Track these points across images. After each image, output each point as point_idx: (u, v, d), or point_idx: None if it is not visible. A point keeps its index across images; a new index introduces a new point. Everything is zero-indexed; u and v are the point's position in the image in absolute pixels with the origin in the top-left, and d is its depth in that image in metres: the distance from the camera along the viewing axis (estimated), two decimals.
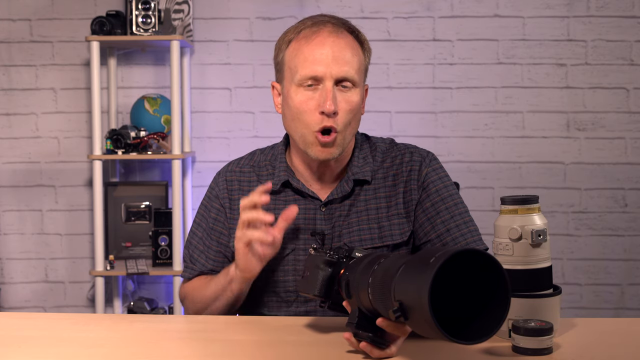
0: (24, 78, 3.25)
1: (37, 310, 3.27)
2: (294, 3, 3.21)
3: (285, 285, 1.50)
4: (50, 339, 1.29)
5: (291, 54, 1.48)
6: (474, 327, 1.00)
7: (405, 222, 1.51)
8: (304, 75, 1.45)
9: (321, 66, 1.44)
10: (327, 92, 1.44)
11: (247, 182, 1.59)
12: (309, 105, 1.45)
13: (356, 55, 1.48)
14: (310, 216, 1.52)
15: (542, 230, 1.21)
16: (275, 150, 1.60)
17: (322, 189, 1.54)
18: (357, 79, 1.47)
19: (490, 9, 3.22)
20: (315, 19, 1.50)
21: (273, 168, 1.57)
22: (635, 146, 3.23)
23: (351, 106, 1.46)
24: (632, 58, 3.21)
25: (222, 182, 1.60)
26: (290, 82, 1.48)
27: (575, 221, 3.25)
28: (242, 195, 1.56)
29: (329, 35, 1.46)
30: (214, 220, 1.59)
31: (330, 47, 1.45)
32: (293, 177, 1.54)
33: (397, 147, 1.59)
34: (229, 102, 3.26)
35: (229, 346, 1.24)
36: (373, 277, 1.08)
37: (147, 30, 3.00)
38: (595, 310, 3.23)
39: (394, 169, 1.55)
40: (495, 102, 3.24)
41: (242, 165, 1.62)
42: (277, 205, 1.53)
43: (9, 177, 3.28)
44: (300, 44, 1.47)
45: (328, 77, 1.44)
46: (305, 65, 1.45)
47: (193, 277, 1.60)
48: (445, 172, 1.57)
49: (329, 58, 1.44)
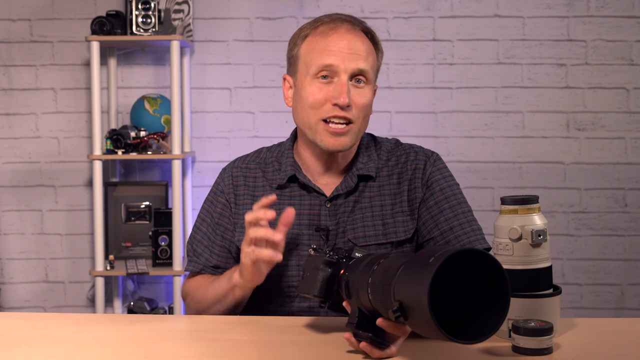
0: (24, 78, 3.26)
1: (37, 310, 3.27)
2: (294, 3, 3.21)
3: (288, 280, 1.51)
4: (50, 339, 1.28)
5: (307, 48, 1.51)
6: (473, 326, 1.00)
7: (409, 220, 1.53)
8: (320, 65, 1.47)
9: (337, 58, 1.46)
10: (342, 85, 1.46)
11: (253, 177, 1.60)
12: (322, 96, 1.47)
13: (371, 54, 1.52)
14: (315, 211, 1.53)
15: (542, 230, 1.21)
16: (282, 147, 1.62)
17: (328, 184, 1.55)
18: (371, 75, 1.51)
19: (490, 9, 3.22)
20: (333, 17, 1.53)
21: (279, 164, 1.58)
22: (635, 146, 3.23)
23: (364, 101, 1.49)
24: (632, 58, 3.21)
25: (228, 177, 1.61)
26: (305, 74, 1.50)
27: (575, 221, 3.25)
28: (247, 191, 1.58)
29: (346, 32, 1.49)
30: (220, 215, 1.59)
31: (347, 42, 1.48)
32: (300, 172, 1.55)
33: (402, 147, 1.61)
34: (229, 102, 3.26)
35: (229, 346, 1.24)
36: (373, 277, 1.08)
37: (147, 30, 3.00)
38: (595, 310, 3.23)
39: (399, 167, 1.57)
40: (495, 102, 3.24)
41: (248, 161, 1.63)
42: (283, 200, 1.54)
43: (9, 177, 3.28)
44: (316, 39, 1.50)
45: (343, 70, 1.46)
46: (322, 56, 1.47)
47: (198, 270, 1.60)
48: (449, 171, 1.58)
49: (345, 52, 1.47)
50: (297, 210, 1.51)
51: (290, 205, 1.52)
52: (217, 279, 1.52)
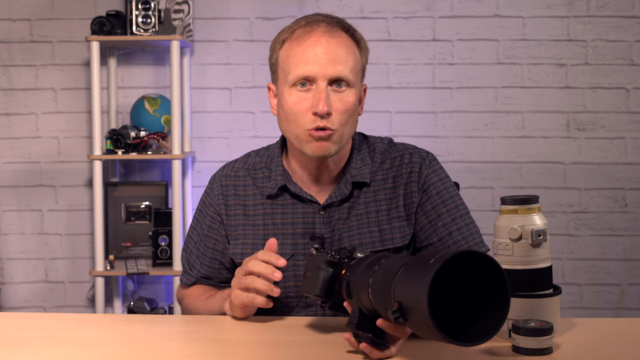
0: (24, 78, 3.25)
1: (37, 310, 3.27)
2: (294, 3, 3.21)
3: (285, 291, 1.48)
4: (50, 339, 1.29)
5: (284, 55, 1.46)
6: (473, 328, 1.00)
7: (406, 225, 1.50)
8: (297, 76, 1.42)
9: (314, 66, 1.41)
10: (320, 92, 1.41)
11: (243, 186, 1.56)
12: (302, 106, 1.42)
13: (351, 54, 1.45)
14: (309, 220, 1.50)
15: (542, 230, 1.21)
16: (271, 152, 1.58)
17: (321, 192, 1.52)
18: (352, 79, 1.44)
19: (490, 9, 3.22)
20: (310, 19, 1.48)
21: (269, 171, 1.55)
22: (635, 146, 3.23)
23: (346, 106, 1.43)
24: (632, 58, 3.21)
25: (218, 187, 1.58)
26: (284, 83, 1.45)
27: (575, 221, 3.25)
28: (238, 200, 1.55)
29: (322, 35, 1.43)
30: (209, 227, 1.58)
31: (323, 46, 1.42)
32: (290, 181, 1.52)
33: (395, 148, 1.56)
34: (229, 102, 3.26)
35: (229, 346, 1.24)
36: (373, 277, 1.08)
37: (147, 30, 3.00)
38: (595, 310, 3.23)
39: (394, 170, 1.53)
40: (495, 102, 3.24)
41: (237, 168, 1.59)
42: (275, 209, 1.52)
43: (9, 177, 3.28)
44: (292, 45, 1.44)
45: (321, 77, 1.41)
46: (298, 66, 1.42)
47: (191, 283, 1.60)
48: (445, 172, 1.55)
49: (322, 58, 1.41)
50: (290, 219, 1.51)
51: (283, 214, 1.51)
52: (210, 299, 1.50)
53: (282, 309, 1.51)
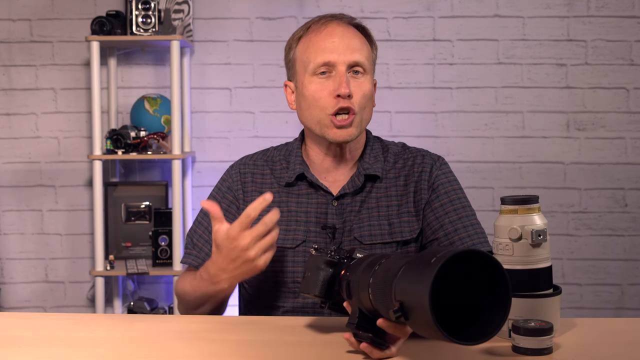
0: (24, 78, 3.25)
1: (37, 310, 3.27)
2: (294, 3, 3.21)
3: (293, 275, 1.53)
4: (50, 339, 1.28)
5: (302, 48, 1.55)
6: (474, 327, 1.00)
7: (414, 221, 1.55)
8: (317, 64, 1.50)
9: (333, 53, 1.50)
10: (341, 76, 1.49)
11: (261, 174, 1.61)
12: (324, 92, 1.50)
13: (364, 46, 1.55)
14: (322, 210, 1.55)
15: (542, 230, 1.21)
16: (290, 146, 1.64)
17: (335, 183, 1.58)
18: (367, 66, 1.53)
19: (490, 9, 3.22)
20: (322, 17, 1.58)
21: (287, 163, 1.61)
22: (635, 146, 3.23)
23: (364, 91, 1.52)
24: (632, 58, 3.21)
25: (236, 174, 1.62)
26: (303, 74, 1.53)
27: (575, 221, 3.25)
28: (255, 188, 1.59)
29: (337, 26, 1.54)
30: (225, 211, 1.58)
31: (339, 36, 1.52)
32: (308, 171, 1.58)
33: (409, 150, 1.64)
34: (229, 102, 3.26)
35: (229, 346, 1.24)
36: (374, 277, 1.08)
37: (147, 30, 3.00)
38: (595, 310, 3.23)
39: (406, 170, 1.60)
40: (495, 102, 3.24)
41: (255, 159, 1.65)
42: (291, 198, 1.57)
43: (9, 177, 3.28)
44: (310, 37, 1.54)
45: (340, 62, 1.50)
46: (317, 54, 1.51)
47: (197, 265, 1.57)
48: (454, 176, 1.62)
49: (340, 45, 1.51)
50: (304, 208, 1.56)
51: (298, 202, 1.57)
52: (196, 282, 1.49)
53: (288, 293, 1.54)
